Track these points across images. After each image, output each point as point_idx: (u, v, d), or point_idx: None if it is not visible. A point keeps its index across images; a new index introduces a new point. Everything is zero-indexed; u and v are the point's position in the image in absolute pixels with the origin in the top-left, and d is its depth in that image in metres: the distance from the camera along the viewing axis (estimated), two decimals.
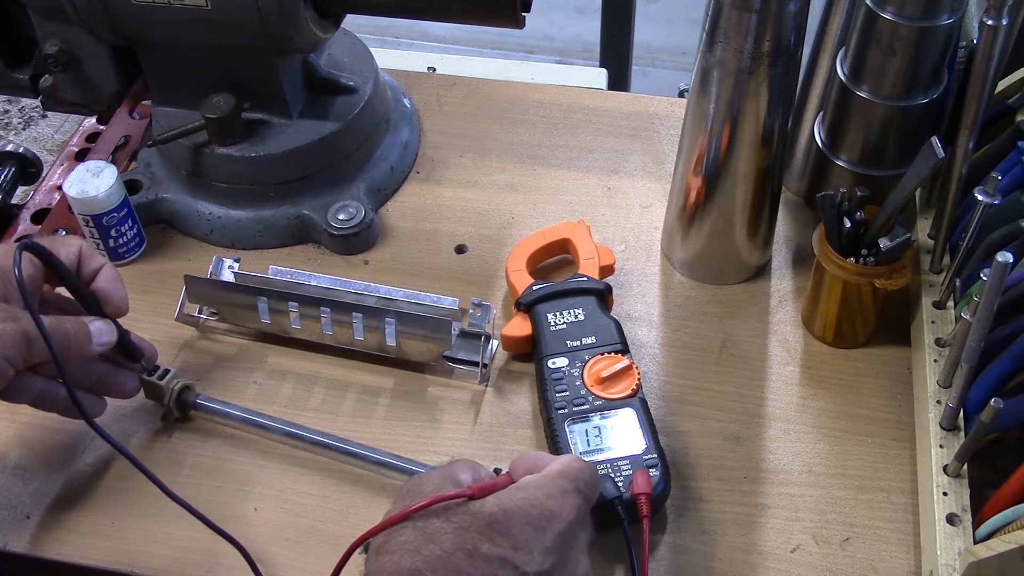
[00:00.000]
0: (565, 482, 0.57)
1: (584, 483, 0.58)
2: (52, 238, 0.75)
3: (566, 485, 0.57)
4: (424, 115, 1.02)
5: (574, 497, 0.57)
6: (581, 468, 0.59)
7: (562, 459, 0.59)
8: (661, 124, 1.00)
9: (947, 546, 0.64)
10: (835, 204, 0.74)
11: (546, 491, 0.56)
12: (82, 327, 0.69)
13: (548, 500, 0.55)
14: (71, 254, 0.70)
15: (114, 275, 0.72)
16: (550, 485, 0.56)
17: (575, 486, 0.57)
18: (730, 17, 0.71)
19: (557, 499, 0.56)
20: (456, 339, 0.79)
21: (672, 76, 2.40)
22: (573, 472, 0.58)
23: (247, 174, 0.88)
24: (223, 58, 0.86)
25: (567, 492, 0.56)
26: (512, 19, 0.82)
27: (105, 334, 0.70)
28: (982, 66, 0.70)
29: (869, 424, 0.76)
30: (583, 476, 0.58)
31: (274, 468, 0.75)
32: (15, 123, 2.42)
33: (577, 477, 0.58)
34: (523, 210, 0.92)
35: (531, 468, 0.59)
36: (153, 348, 0.76)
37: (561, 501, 0.56)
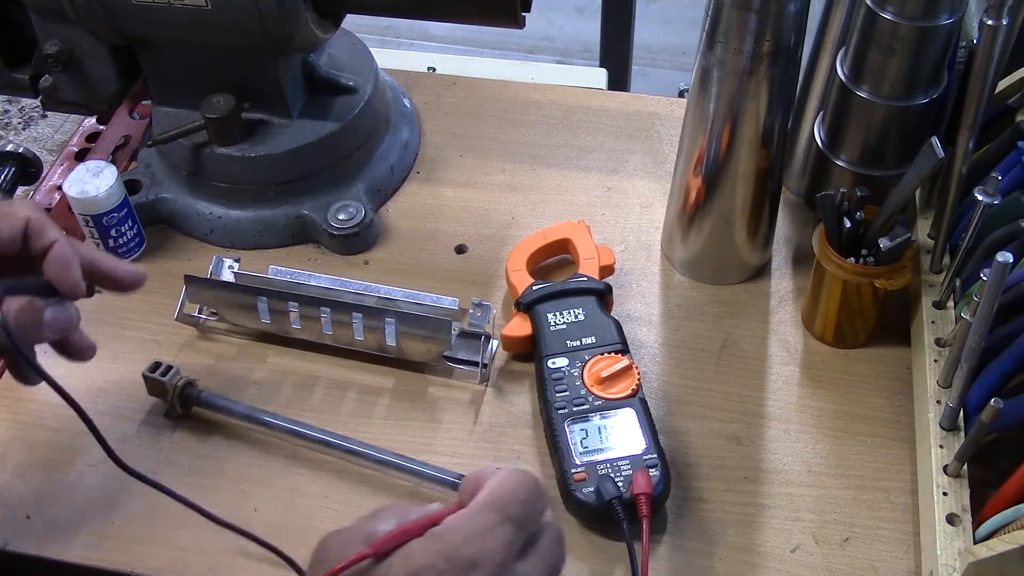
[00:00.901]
0: (490, 516, 0.49)
1: (517, 507, 0.49)
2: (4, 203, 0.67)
3: (490, 519, 0.48)
4: (424, 115, 1.02)
5: (501, 532, 0.48)
6: (512, 490, 0.50)
7: (490, 484, 0.51)
8: (661, 124, 1.00)
9: (947, 546, 0.64)
10: (835, 204, 0.74)
11: (464, 535, 0.48)
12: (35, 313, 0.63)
13: (466, 547, 0.47)
14: (14, 228, 0.63)
15: (65, 254, 0.63)
16: (470, 525, 0.48)
17: (502, 517, 0.48)
18: (730, 17, 0.71)
19: (477, 542, 0.47)
20: (456, 339, 0.79)
21: (672, 76, 2.40)
22: (500, 500, 0.49)
23: (247, 174, 0.88)
24: (223, 58, 0.86)
25: (490, 530, 0.48)
26: (512, 19, 0.82)
27: (61, 321, 0.64)
28: (982, 66, 0.70)
29: (869, 424, 0.76)
30: (514, 499, 0.50)
31: (274, 468, 0.75)
32: (15, 123, 2.42)
33: (505, 505, 0.49)
34: (523, 210, 0.92)
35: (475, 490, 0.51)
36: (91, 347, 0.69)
37: (482, 544, 0.47)
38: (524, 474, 0.51)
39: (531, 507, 0.50)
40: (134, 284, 0.68)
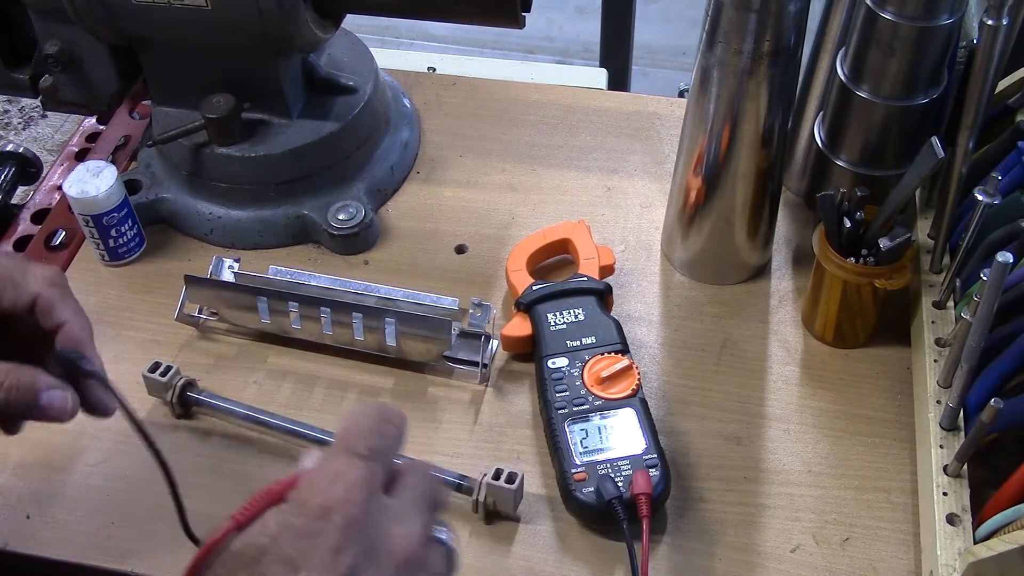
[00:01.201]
0: (337, 460, 0.47)
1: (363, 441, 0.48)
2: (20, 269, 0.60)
3: (337, 463, 0.47)
4: (424, 115, 1.02)
5: (351, 472, 0.47)
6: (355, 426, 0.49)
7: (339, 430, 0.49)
8: (661, 124, 1.00)
9: (947, 546, 0.64)
10: (835, 204, 0.74)
11: (315, 487, 0.46)
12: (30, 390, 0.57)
13: (317, 496, 0.46)
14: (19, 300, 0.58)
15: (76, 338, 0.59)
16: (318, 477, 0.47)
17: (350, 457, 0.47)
18: (730, 17, 0.71)
19: (327, 490, 0.46)
20: (456, 339, 0.79)
21: (672, 76, 2.40)
22: (343, 441, 0.48)
23: (247, 174, 0.88)
24: (223, 58, 0.86)
25: (339, 474, 0.47)
26: (512, 19, 0.82)
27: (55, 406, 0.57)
28: (982, 66, 0.70)
29: (869, 424, 0.76)
30: (359, 434, 0.48)
31: (274, 468, 0.75)
32: (15, 123, 2.42)
33: (352, 443, 0.48)
34: (523, 210, 0.92)
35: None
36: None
37: (332, 489, 0.46)
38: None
39: (380, 438, 0.49)
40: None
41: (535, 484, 0.73)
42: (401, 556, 0.47)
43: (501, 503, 0.70)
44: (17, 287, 0.58)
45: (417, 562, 0.48)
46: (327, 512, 0.45)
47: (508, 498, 0.70)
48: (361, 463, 0.47)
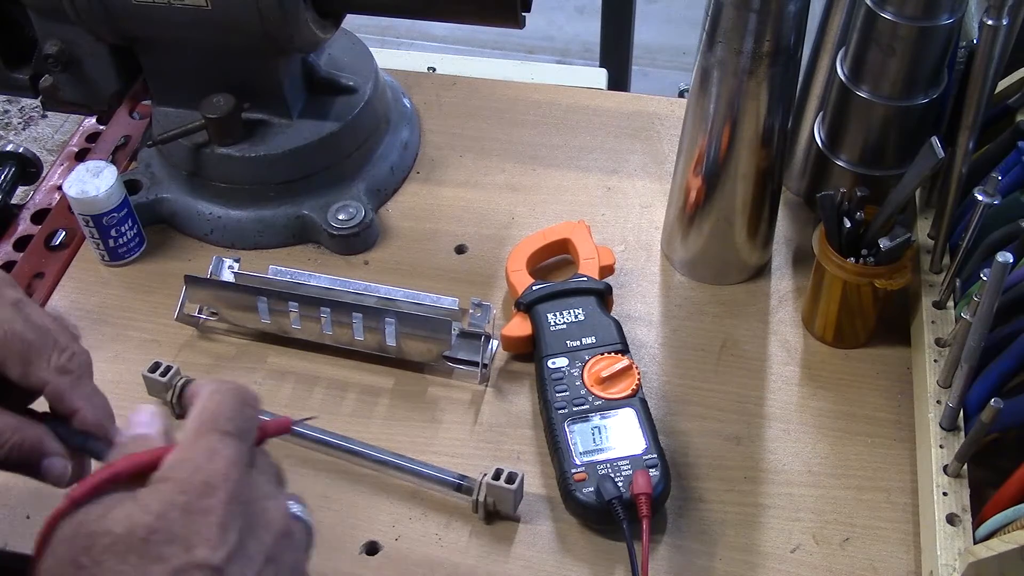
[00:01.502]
0: (209, 438, 0.49)
1: (227, 419, 0.49)
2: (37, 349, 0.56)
3: (210, 442, 0.48)
4: (424, 115, 1.02)
5: (225, 449, 0.48)
6: (219, 405, 0.50)
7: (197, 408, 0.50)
8: (661, 124, 1.00)
9: (947, 546, 0.64)
10: (835, 204, 0.74)
11: (192, 465, 0.47)
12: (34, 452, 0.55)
13: (197, 474, 0.47)
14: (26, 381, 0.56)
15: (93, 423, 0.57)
16: (193, 455, 0.48)
17: (218, 433, 0.49)
18: (730, 17, 0.71)
19: (207, 467, 0.47)
20: (456, 339, 0.79)
21: (672, 76, 2.40)
22: (210, 420, 0.49)
23: (247, 174, 0.88)
24: (223, 58, 0.86)
25: (215, 451, 0.48)
26: (512, 19, 0.82)
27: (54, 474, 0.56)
28: (982, 66, 0.70)
29: (869, 424, 0.76)
30: (225, 414, 0.50)
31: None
32: (15, 123, 2.42)
33: (215, 420, 0.49)
34: (523, 210, 0.92)
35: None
36: None
37: (211, 466, 0.47)
38: (227, 386, 0.51)
39: (245, 417, 0.50)
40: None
41: (535, 484, 0.73)
42: (277, 529, 0.49)
43: (501, 503, 0.70)
44: (26, 367, 0.56)
45: (289, 534, 0.50)
46: (211, 489, 0.46)
47: (508, 498, 0.70)
48: (232, 440, 0.49)
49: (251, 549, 0.47)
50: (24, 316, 0.57)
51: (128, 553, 0.45)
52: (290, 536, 0.50)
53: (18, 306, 0.57)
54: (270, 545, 0.48)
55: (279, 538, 0.49)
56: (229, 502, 0.47)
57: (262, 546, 0.48)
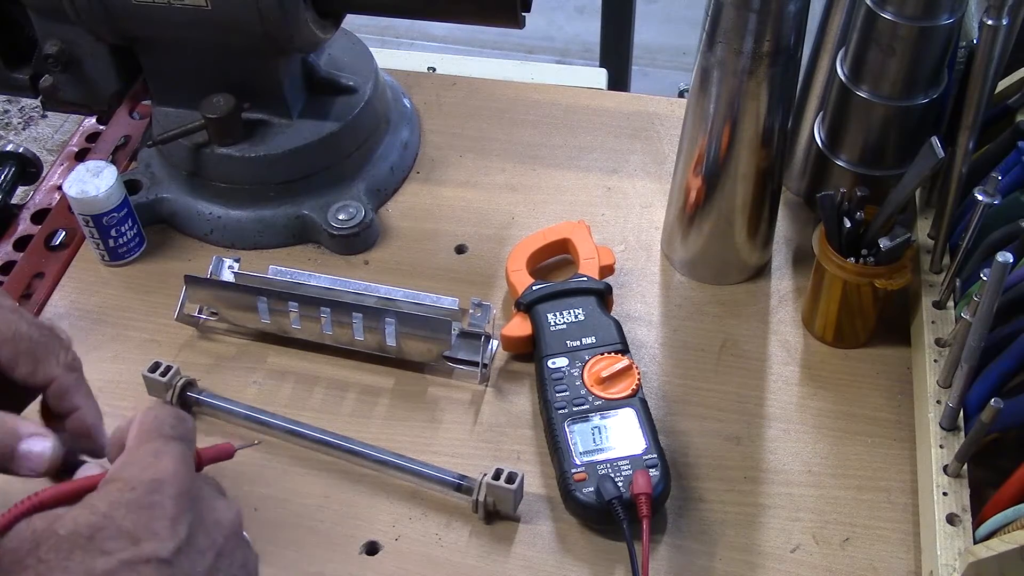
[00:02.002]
0: (152, 443, 0.50)
1: (169, 427, 0.51)
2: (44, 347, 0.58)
3: (155, 445, 0.50)
4: (424, 115, 1.02)
5: (170, 450, 0.50)
6: (159, 417, 0.52)
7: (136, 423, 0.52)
8: (661, 124, 1.00)
9: (947, 546, 0.64)
10: (835, 204, 0.74)
11: (139, 465, 0.49)
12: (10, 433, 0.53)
13: (145, 472, 0.48)
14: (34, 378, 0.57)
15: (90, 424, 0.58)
16: (139, 457, 0.50)
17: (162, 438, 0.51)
18: (730, 17, 0.71)
19: (154, 466, 0.49)
20: (456, 339, 0.79)
21: (672, 76, 2.40)
22: (152, 427, 0.51)
23: (247, 174, 0.88)
24: (223, 58, 0.86)
25: (160, 452, 0.50)
26: (512, 19, 0.82)
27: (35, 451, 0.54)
28: (982, 66, 0.70)
29: (869, 424, 0.76)
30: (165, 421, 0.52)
31: (274, 468, 0.75)
32: (15, 123, 2.42)
33: (159, 428, 0.51)
34: (523, 210, 0.92)
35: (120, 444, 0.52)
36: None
37: (159, 464, 0.49)
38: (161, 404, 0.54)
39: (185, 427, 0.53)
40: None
41: (535, 484, 0.73)
42: (227, 526, 0.50)
43: (501, 503, 0.70)
44: (36, 364, 0.57)
45: (239, 535, 0.51)
46: (159, 485, 0.48)
47: (508, 498, 0.70)
48: (177, 443, 0.51)
49: (201, 543, 0.48)
50: (27, 319, 0.58)
51: (73, 550, 0.45)
52: (240, 535, 0.51)
53: (18, 311, 0.58)
54: (220, 541, 0.49)
55: (230, 535, 0.50)
56: (178, 497, 0.48)
57: (212, 541, 0.49)
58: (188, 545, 0.47)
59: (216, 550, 0.49)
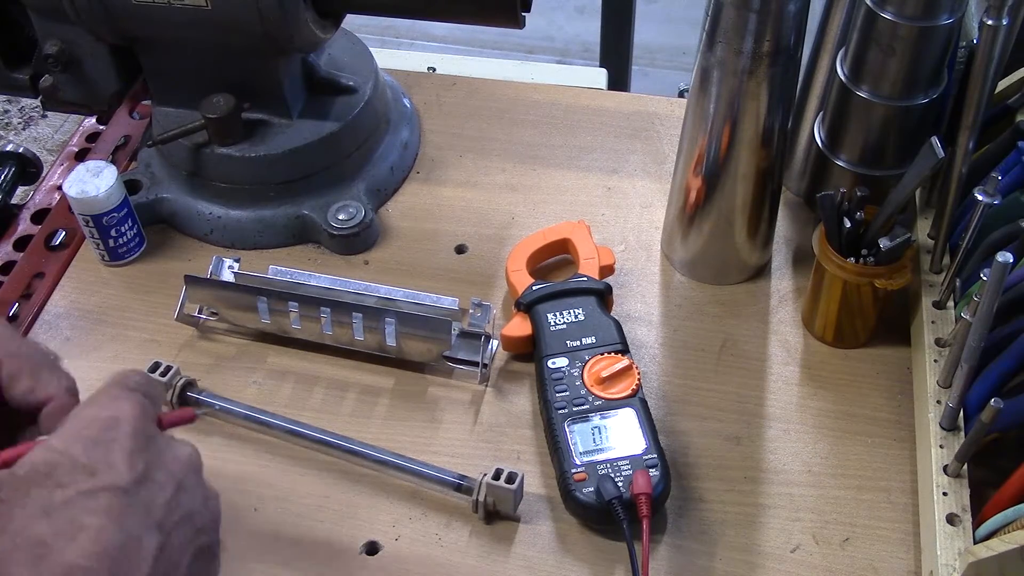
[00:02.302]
0: (113, 390, 0.51)
1: (135, 382, 0.52)
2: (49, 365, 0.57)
3: (114, 392, 0.51)
4: (424, 115, 1.02)
5: (129, 396, 0.51)
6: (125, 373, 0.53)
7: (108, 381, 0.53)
8: (661, 124, 1.00)
9: (947, 546, 0.64)
10: (835, 204, 0.74)
11: (97, 406, 0.50)
12: None
13: (103, 411, 0.50)
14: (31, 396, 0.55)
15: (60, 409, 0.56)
16: (99, 400, 0.51)
17: (125, 388, 0.51)
18: (730, 17, 0.71)
19: (110, 406, 0.50)
20: (456, 339, 0.79)
21: (672, 76, 2.40)
22: (118, 379, 0.52)
23: (247, 174, 0.88)
24: (223, 58, 0.86)
25: (118, 397, 0.51)
26: (512, 19, 0.82)
27: None
28: (982, 66, 0.70)
29: (869, 424, 0.76)
30: (131, 377, 0.53)
31: (274, 468, 0.75)
32: (15, 123, 2.42)
33: (123, 381, 0.52)
34: (523, 210, 0.92)
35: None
36: None
37: (116, 405, 0.50)
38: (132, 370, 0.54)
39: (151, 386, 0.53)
40: None
41: (535, 484, 0.73)
42: (187, 461, 0.51)
43: (501, 503, 0.70)
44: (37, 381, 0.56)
45: (198, 472, 0.52)
46: (115, 422, 0.49)
47: (508, 498, 0.70)
48: (138, 394, 0.51)
49: (160, 477, 0.49)
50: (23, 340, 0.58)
51: (31, 487, 0.46)
52: (200, 473, 0.51)
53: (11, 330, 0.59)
54: (180, 476, 0.50)
55: (189, 471, 0.51)
56: (134, 434, 0.49)
57: (171, 475, 0.49)
58: (146, 478, 0.48)
59: (176, 483, 0.49)
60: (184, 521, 0.49)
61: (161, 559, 0.46)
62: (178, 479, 0.49)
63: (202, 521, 0.50)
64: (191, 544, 0.49)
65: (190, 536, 0.49)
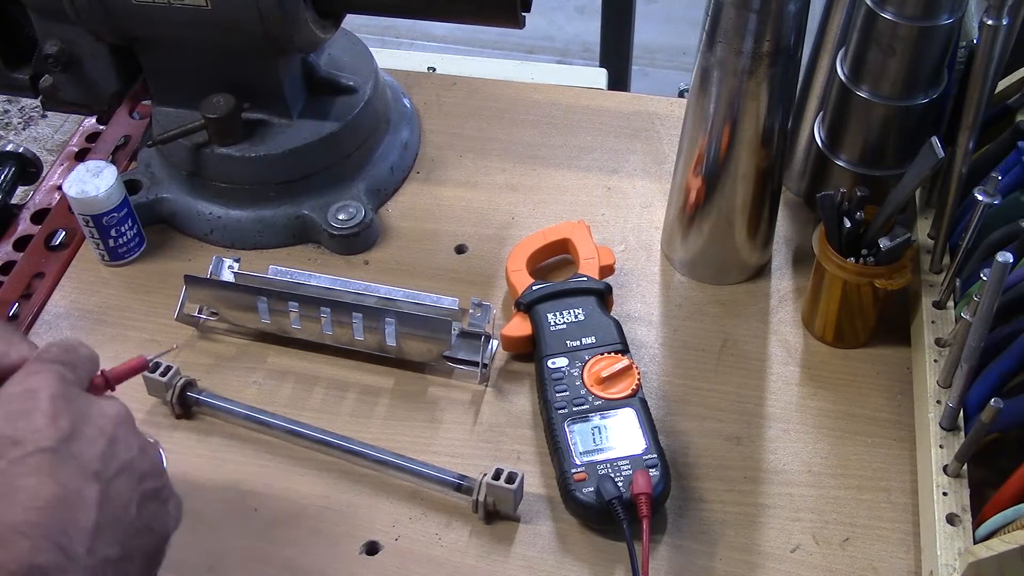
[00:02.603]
0: (29, 367, 0.52)
1: (51, 355, 0.53)
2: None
3: (30, 368, 0.52)
4: (424, 115, 1.02)
5: (44, 368, 0.52)
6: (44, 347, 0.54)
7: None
8: (661, 124, 1.00)
9: (947, 546, 0.64)
10: (835, 204, 0.74)
11: (12, 384, 0.51)
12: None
13: (19, 386, 0.51)
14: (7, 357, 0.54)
15: None
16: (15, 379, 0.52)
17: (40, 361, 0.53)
18: (730, 17, 0.71)
19: (28, 381, 0.51)
20: (456, 339, 0.79)
21: (672, 76, 2.40)
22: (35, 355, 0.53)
23: (247, 174, 0.88)
24: (223, 58, 0.86)
25: (34, 371, 0.52)
26: (512, 19, 0.82)
27: None
28: (982, 66, 0.70)
29: (869, 424, 0.76)
30: (47, 351, 0.54)
31: (274, 468, 0.75)
32: (15, 123, 2.42)
33: (39, 355, 0.53)
34: (523, 210, 0.92)
35: None
36: None
37: (33, 380, 0.51)
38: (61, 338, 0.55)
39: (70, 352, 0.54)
40: None
41: (535, 484, 0.73)
42: (115, 416, 0.52)
43: (501, 503, 0.70)
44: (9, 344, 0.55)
45: (129, 424, 0.53)
46: (32, 392, 0.50)
47: (508, 498, 0.70)
48: (56, 365, 0.52)
49: (88, 433, 0.49)
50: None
51: None
52: (132, 424, 0.52)
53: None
54: (110, 429, 0.50)
55: (119, 423, 0.51)
56: (53, 398, 0.50)
57: (100, 429, 0.50)
58: (74, 436, 0.49)
59: (107, 437, 0.50)
60: (123, 470, 0.50)
61: (106, 506, 0.48)
62: (108, 433, 0.50)
63: (142, 467, 0.51)
64: (135, 491, 0.50)
65: (132, 483, 0.50)
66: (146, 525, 0.51)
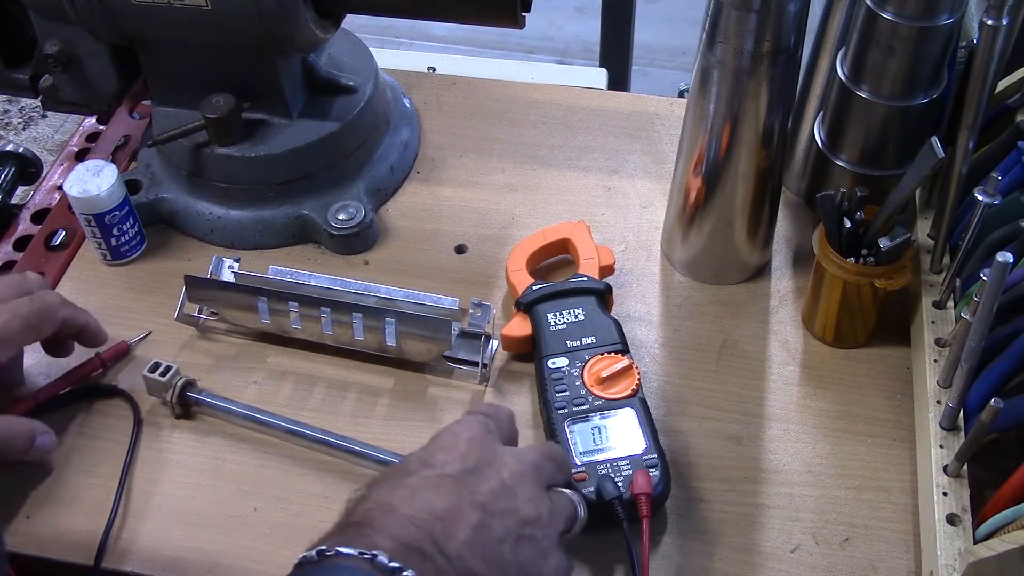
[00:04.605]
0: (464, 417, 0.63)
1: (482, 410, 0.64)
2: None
3: (464, 418, 0.63)
4: (424, 115, 1.02)
5: (475, 419, 0.62)
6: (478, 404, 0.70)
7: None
8: (661, 124, 1.00)
9: (947, 546, 0.64)
10: (835, 204, 0.75)
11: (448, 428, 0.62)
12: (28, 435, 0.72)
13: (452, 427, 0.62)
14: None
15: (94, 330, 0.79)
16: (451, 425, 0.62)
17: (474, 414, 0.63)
18: (730, 17, 0.71)
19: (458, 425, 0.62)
20: (456, 339, 0.79)
21: (672, 76, 2.40)
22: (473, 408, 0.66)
23: (247, 174, 0.88)
24: (223, 58, 0.86)
25: (467, 419, 0.63)
26: (512, 19, 0.82)
27: (47, 444, 0.73)
28: (982, 66, 0.70)
29: (869, 424, 0.76)
30: (480, 407, 0.65)
31: (275, 468, 0.75)
32: (15, 123, 2.42)
33: (475, 409, 0.65)
34: (523, 210, 0.92)
35: None
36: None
37: (461, 425, 0.62)
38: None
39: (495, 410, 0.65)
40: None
41: None
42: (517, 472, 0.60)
43: None
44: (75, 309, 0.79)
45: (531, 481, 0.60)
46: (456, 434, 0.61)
47: None
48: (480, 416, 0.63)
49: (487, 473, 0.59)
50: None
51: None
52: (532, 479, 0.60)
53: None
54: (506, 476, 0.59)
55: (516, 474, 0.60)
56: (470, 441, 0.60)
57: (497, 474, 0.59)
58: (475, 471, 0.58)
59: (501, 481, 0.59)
60: (508, 511, 0.57)
61: (481, 531, 0.56)
62: (503, 478, 0.59)
63: (526, 515, 0.58)
64: (512, 531, 0.57)
65: (512, 524, 0.57)
66: (518, 562, 0.56)
